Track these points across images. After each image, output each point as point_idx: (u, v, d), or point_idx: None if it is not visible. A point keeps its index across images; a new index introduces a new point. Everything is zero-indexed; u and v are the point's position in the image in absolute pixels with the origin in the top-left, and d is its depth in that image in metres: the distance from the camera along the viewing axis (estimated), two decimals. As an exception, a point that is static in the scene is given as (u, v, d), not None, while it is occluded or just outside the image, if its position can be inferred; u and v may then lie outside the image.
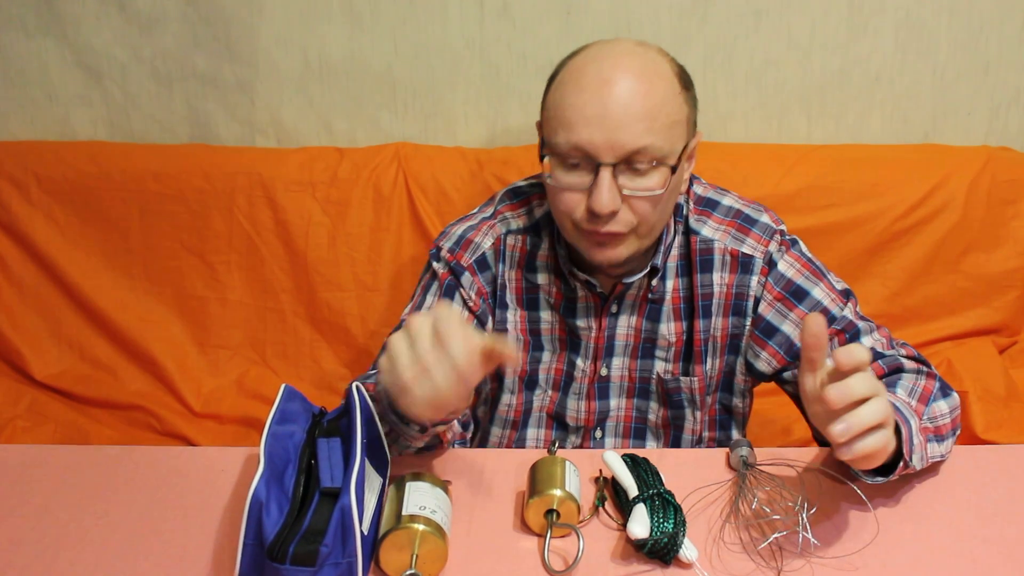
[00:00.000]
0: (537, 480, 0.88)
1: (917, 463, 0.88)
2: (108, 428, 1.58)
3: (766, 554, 0.83)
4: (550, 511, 0.85)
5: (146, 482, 0.95)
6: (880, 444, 0.77)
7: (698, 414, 1.14)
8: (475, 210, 1.19)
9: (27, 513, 0.90)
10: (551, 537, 0.85)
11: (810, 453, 0.98)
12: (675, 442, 1.17)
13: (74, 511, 0.90)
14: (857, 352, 0.75)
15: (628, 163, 0.94)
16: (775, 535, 0.85)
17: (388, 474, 0.94)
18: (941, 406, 0.97)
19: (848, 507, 0.89)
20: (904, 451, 0.85)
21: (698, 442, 1.17)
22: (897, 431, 0.83)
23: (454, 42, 1.55)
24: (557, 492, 0.85)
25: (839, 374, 0.76)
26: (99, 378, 1.62)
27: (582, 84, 0.95)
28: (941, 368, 1.53)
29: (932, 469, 0.95)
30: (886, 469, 0.87)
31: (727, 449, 0.98)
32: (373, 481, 0.85)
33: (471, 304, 1.11)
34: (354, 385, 0.90)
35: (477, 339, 0.76)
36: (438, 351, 0.75)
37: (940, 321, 1.58)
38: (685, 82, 1.00)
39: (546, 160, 0.98)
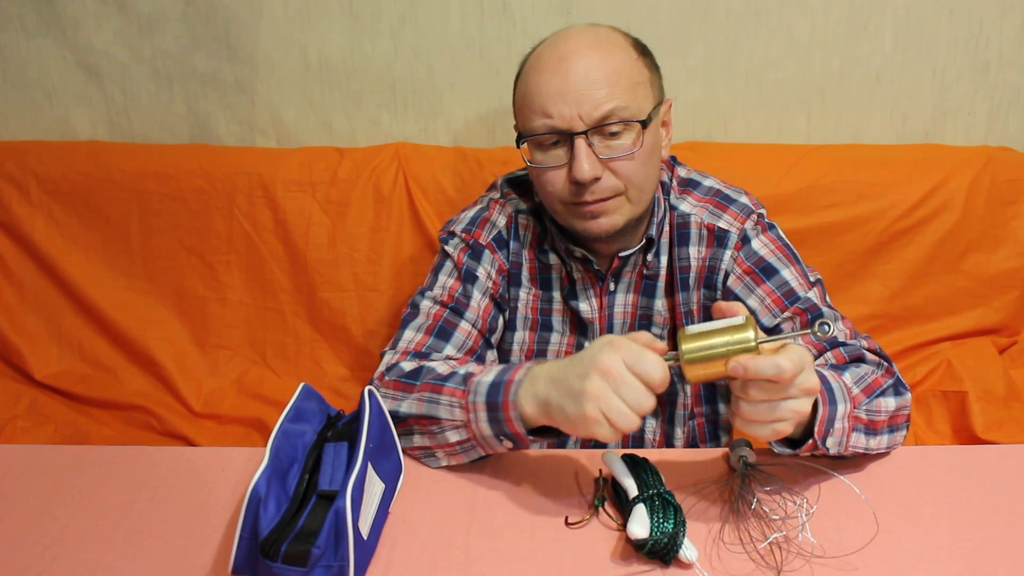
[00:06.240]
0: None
1: (832, 447, 0.88)
2: (108, 428, 1.57)
3: (766, 554, 0.83)
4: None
5: (146, 482, 0.95)
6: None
7: (688, 387, 1.16)
8: (476, 200, 1.20)
9: (27, 513, 0.90)
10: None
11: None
12: (671, 418, 1.18)
13: (74, 511, 0.90)
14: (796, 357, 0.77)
15: (599, 129, 0.99)
16: (775, 535, 0.85)
17: (400, 481, 0.93)
18: (888, 402, 0.95)
19: (848, 507, 0.89)
20: (816, 430, 0.86)
21: (691, 416, 1.18)
22: (815, 408, 0.85)
23: (454, 42, 1.55)
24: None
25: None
26: (99, 378, 1.62)
27: (541, 67, 1.01)
28: (941, 368, 1.53)
29: (933, 469, 0.95)
30: (796, 442, 0.89)
31: (727, 449, 0.98)
32: (375, 486, 0.85)
33: (491, 287, 1.13)
34: (367, 390, 0.90)
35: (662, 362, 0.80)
36: (640, 389, 0.80)
37: (940, 321, 1.57)
38: (641, 49, 1.05)
39: (524, 147, 1.03)
